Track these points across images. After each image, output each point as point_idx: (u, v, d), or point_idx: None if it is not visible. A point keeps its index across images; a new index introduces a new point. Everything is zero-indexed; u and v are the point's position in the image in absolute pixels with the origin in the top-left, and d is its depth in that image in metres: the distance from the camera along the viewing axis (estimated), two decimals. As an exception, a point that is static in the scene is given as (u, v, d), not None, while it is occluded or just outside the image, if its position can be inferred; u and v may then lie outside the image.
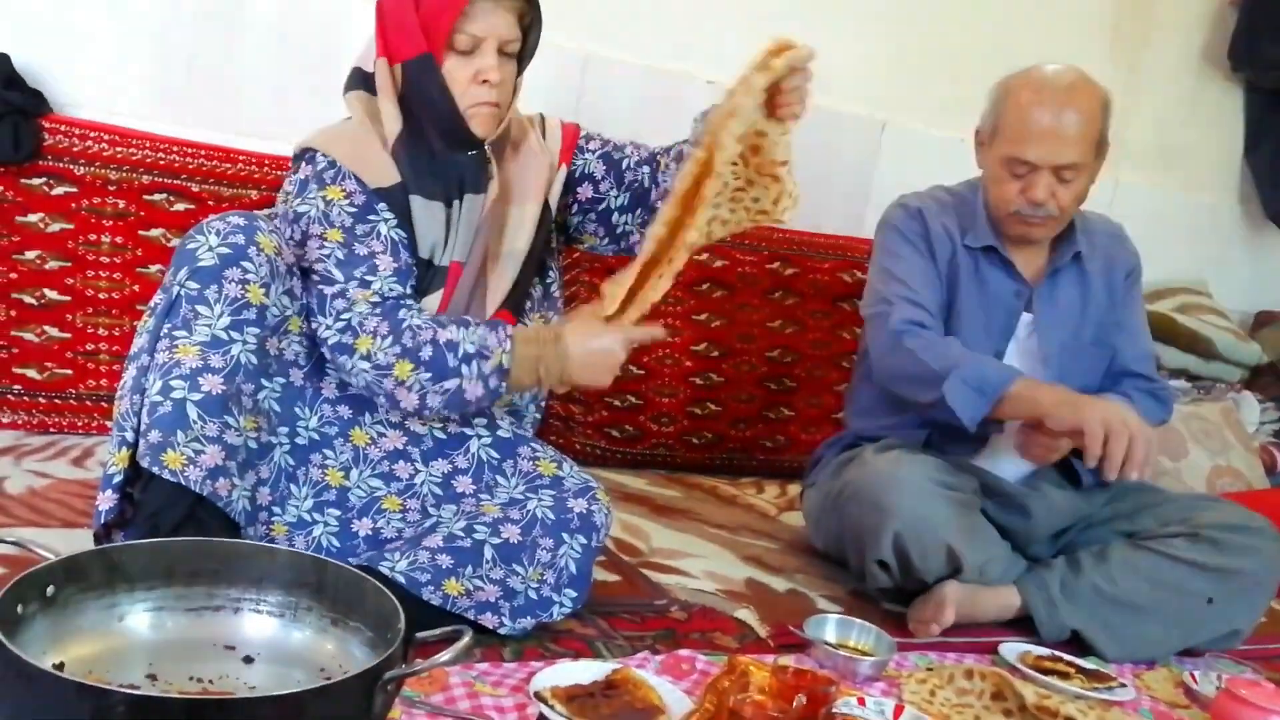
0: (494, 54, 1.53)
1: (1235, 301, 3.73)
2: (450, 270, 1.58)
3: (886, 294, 1.99)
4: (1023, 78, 1.94)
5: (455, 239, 1.58)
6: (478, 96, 1.53)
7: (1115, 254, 2.10)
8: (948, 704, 1.54)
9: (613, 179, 1.73)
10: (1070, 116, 1.87)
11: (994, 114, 1.96)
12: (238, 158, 2.25)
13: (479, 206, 1.60)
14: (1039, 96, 1.89)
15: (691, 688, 1.43)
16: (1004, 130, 1.92)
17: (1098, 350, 2.06)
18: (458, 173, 1.58)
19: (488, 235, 1.61)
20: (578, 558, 1.55)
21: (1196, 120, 3.63)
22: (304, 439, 1.54)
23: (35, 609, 1.06)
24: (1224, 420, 3.08)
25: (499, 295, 1.62)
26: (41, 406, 2.12)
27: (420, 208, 1.55)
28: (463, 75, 1.52)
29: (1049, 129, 1.87)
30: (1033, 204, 1.91)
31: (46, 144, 2.09)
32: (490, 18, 1.51)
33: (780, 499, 2.66)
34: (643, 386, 2.69)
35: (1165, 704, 1.74)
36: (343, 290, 1.48)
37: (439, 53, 1.51)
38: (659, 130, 2.74)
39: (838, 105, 2.98)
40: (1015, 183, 1.92)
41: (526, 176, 1.66)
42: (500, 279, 1.62)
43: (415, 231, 1.55)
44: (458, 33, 1.50)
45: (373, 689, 1.01)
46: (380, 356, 1.45)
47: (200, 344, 1.38)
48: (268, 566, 1.21)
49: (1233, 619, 1.93)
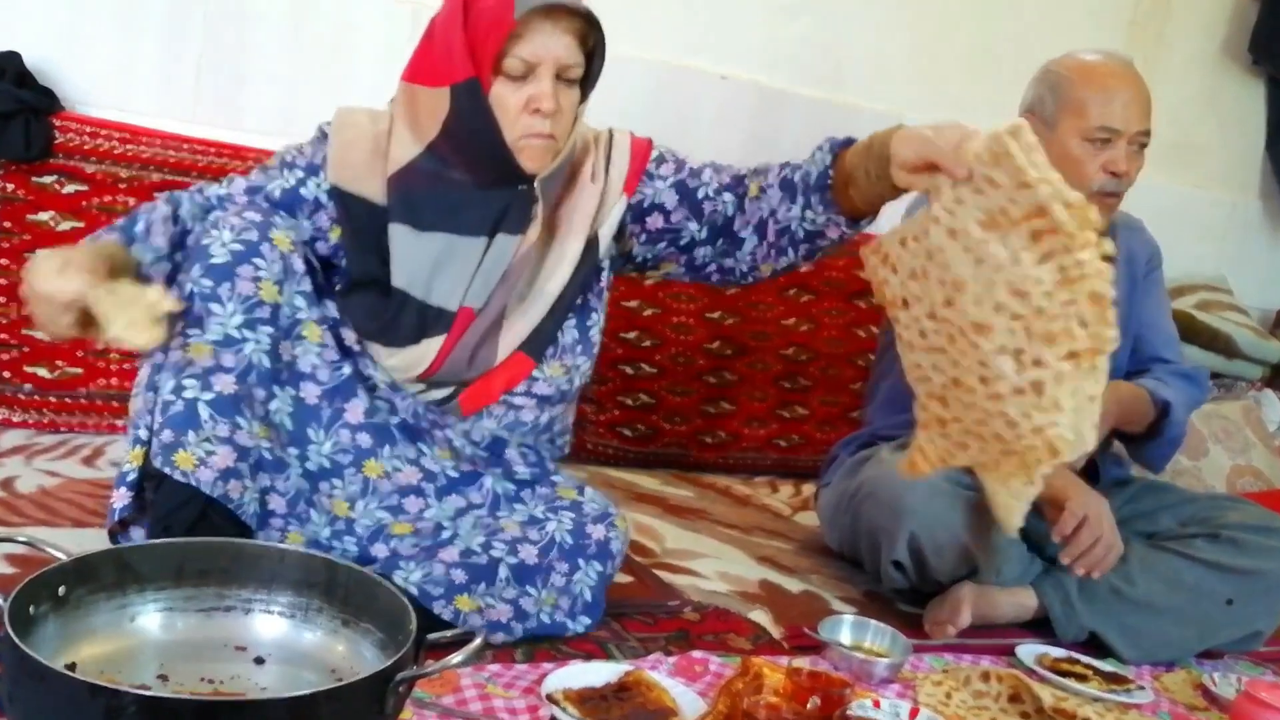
0: (550, 79, 1.40)
1: (1256, 298, 3.71)
2: (459, 315, 1.49)
3: None
4: (1075, 60, 1.93)
5: (473, 280, 1.49)
6: (529, 127, 1.41)
7: (1135, 245, 2.09)
8: (964, 706, 1.53)
9: (687, 209, 1.57)
10: (1141, 84, 1.89)
11: (1056, 95, 1.92)
12: (248, 155, 2.25)
13: (511, 250, 1.49)
14: (1109, 66, 1.90)
15: (705, 690, 1.42)
16: (1077, 106, 1.89)
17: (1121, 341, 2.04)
18: (495, 209, 1.47)
19: (516, 279, 1.51)
20: (593, 585, 1.53)
21: (1216, 115, 3.60)
22: (314, 464, 1.47)
23: (47, 609, 1.06)
24: (1244, 419, 3.05)
25: (514, 339, 1.52)
26: (52, 405, 2.12)
27: (403, 236, 1.47)
28: (513, 102, 1.40)
29: (1130, 97, 1.87)
30: (1116, 176, 1.89)
31: (57, 142, 2.09)
32: (546, 40, 1.38)
33: (795, 499, 2.64)
34: (655, 385, 2.68)
35: (1184, 706, 1.72)
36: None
37: (486, 77, 1.39)
38: (669, 128, 2.74)
39: (854, 101, 2.97)
40: (1096, 158, 1.89)
41: (574, 209, 1.54)
42: (521, 322, 1.52)
43: (393, 259, 1.48)
44: (508, 56, 1.38)
45: (384, 690, 1.00)
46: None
47: (213, 342, 1.36)
48: (278, 567, 1.20)
49: (1253, 620, 1.90)
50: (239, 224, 1.40)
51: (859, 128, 2.96)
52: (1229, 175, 3.71)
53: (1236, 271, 3.64)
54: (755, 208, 1.52)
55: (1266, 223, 3.81)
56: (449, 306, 1.49)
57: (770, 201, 1.50)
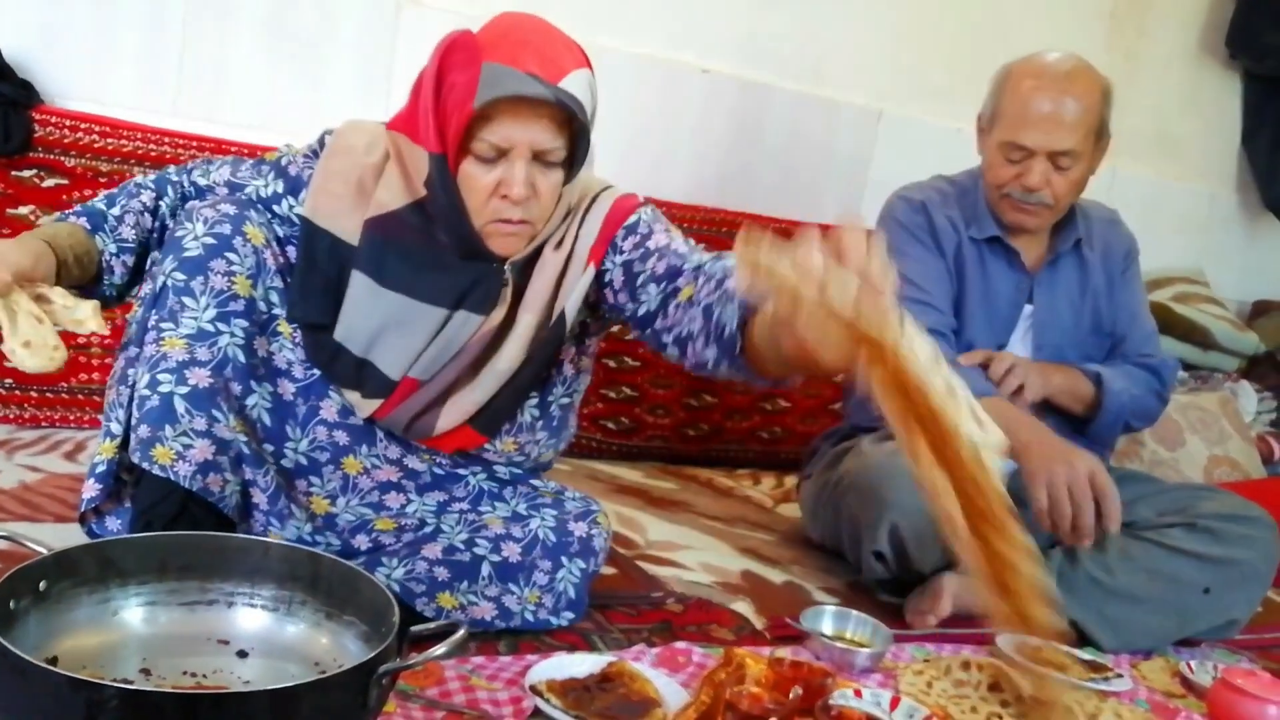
0: (524, 164, 1.30)
1: (1232, 291, 3.74)
2: (402, 385, 1.42)
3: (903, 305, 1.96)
4: (1024, 64, 1.95)
5: (423, 353, 1.41)
6: (498, 212, 1.33)
7: (1112, 239, 2.11)
8: (945, 695, 1.54)
9: (628, 292, 1.44)
10: (1069, 103, 1.88)
11: (994, 99, 1.97)
12: (229, 149, 2.23)
13: (471, 329, 1.41)
14: (1038, 82, 1.89)
15: (688, 680, 1.43)
16: (1002, 115, 1.93)
17: (1097, 339, 2.07)
18: (464, 281, 1.39)
19: (468, 359, 1.43)
20: (576, 582, 1.53)
21: (1194, 108, 3.63)
22: (290, 461, 1.46)
23: (28, 604, 1.06)
24: (1221, 410, 3.08)
25: (458, 415, 1.45)
26: (33, 400, 2.11)
27: (362, 288, 1.39)
28: (483, 184, 1.31)
29: (1047, 114, 1.88)
30: (1026, 189, 1.91)
31: (37, 135, 2.08)
32: (514, 126, 1.28)
33: (777, 491, 2.65)
34: (638, 378, 2.69)
35: (1162, 694, 1.73)
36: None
37: (453, 155, 1.32)
38: (652, 122, 2.75)
39: (834, 94, 2.98)
40: (1011, 167, 1.93)
41: (531, 279, 1.44)
42: (468, 398, 1.45)
43: (343, 307, 1.40)
44: (476, 139, 1.30)
45: (368, 683, 1.00)
46: None
47: (187, 336, 1.34)
48: (260, 560, 1.20)
49: (1229, 609, 1.92)
50: (212, 216, 1.38)
51: (839, 121, 3.01)
52: (1207, 168, 3.74)
53: (1214, 264, 3.67)
54: (679, 318, 1.35)
55: (1244, 215, 3.85)
56: (391, 375, 1.42)
57: (693, 324, 1.31)
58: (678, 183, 2.79)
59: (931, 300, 1.97)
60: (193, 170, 1.52)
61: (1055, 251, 2.03)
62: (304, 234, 1.43)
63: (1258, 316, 3.77)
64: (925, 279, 1.99)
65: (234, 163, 1.52)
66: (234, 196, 1.46)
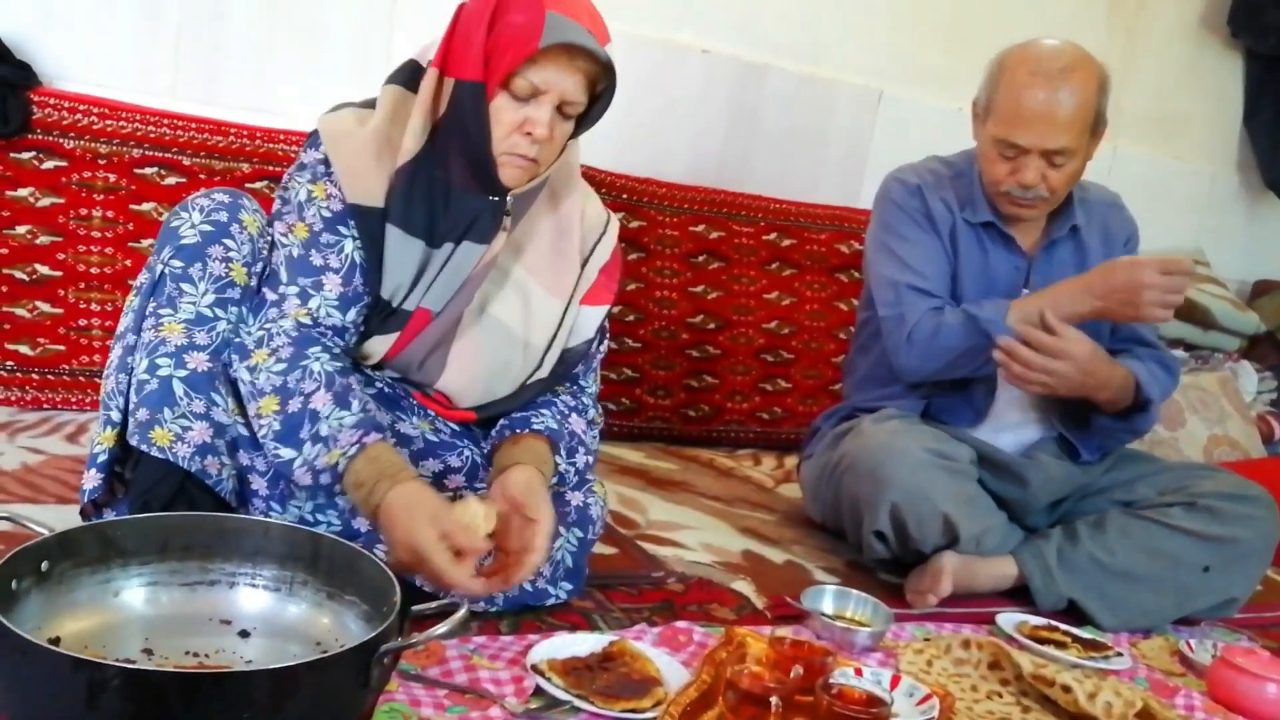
0: (550, 109, 1.39)
1: (1233, 270, 3.73)
2: (415, 316, 1.47)
3: (898, 291, 1.97)
4: (1019, 54, 1.90)
5: (433, 284, 1.47)
6: (516, 146, 1.41)
7: (1113, 224, 2.09)
8: (945, 674, 1.55)
9: None
10: (1064, 100, 1.83)
11: (988, 90, 1.93)
12: (228, 130, 2.23)
13: (475, 258, 1.47)
14: (1033, 79, 1.84)
15: (689, 659, 1.43)
16: (996, 109, 1.89)
17: (1094, 323, 2.05)
18: (468, 214, 1.46)
19: (472, 290, 1.49)
20: (574, 551, 1.54)
21: (1195, 87, 3.62)
22: None
23: (29, 584, 1.06)
24: (1221, 389, 3.08)
25: (465, 365, 1.50)
26: (34, 383, 2.11)
27: (396, 241, 1.44)
28: (509, 118, 1.40)
29: (1040, 113, 1.84)
30: (1022, 186, 1.89)
31: (35, 117, 2.07)
32: (558, 73, 1.38)
33: (777, 471, 2.66)
34: (639, 359, 2.69)
35: (1161, 672, 1.74)
36: (282, 297, 1.40)
37: (492, 86, 1.39)
38: (651, 102, 2.74)
39: (834, 75, 2.97)
40: (1005, 164, 1.90)
41: (556, 261, 1.55)
42: (471, 346, 1.50)
43: (384, 265, 1.45)
44: (518, 76, 1.37)
45: (369, 662, 1.01)
46: (261, 378, 1.35)
47: (185, 321, 1.36)
48: (261, 541, 1.21)
49: (1229, 587, 1.93)
50: (208, 205, 1.40)
51: (839, 101, 3.00)
52: (1208, 147, 3.73)
53: (1215, 243, 3.66)
54: None
55: (1244, 195, 3.84)
56: (407, 306, 1.47)
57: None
58: (676, 163, 2.78)
59: (929, 285, 1.96)
60: (284, 300, 1.43)
61: (1050, 237, 2.02)
62: (358, 221, 1.44)
63: (1258, 296, 3.77)
64: (923, 262, 1.98)
65: (305, 245, 1.44)
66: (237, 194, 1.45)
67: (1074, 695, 1.43)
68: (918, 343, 1.92)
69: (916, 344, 1.92)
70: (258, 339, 1.38)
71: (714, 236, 2.77)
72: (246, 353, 1.37)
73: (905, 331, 1.93)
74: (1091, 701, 1.42)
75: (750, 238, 2.82)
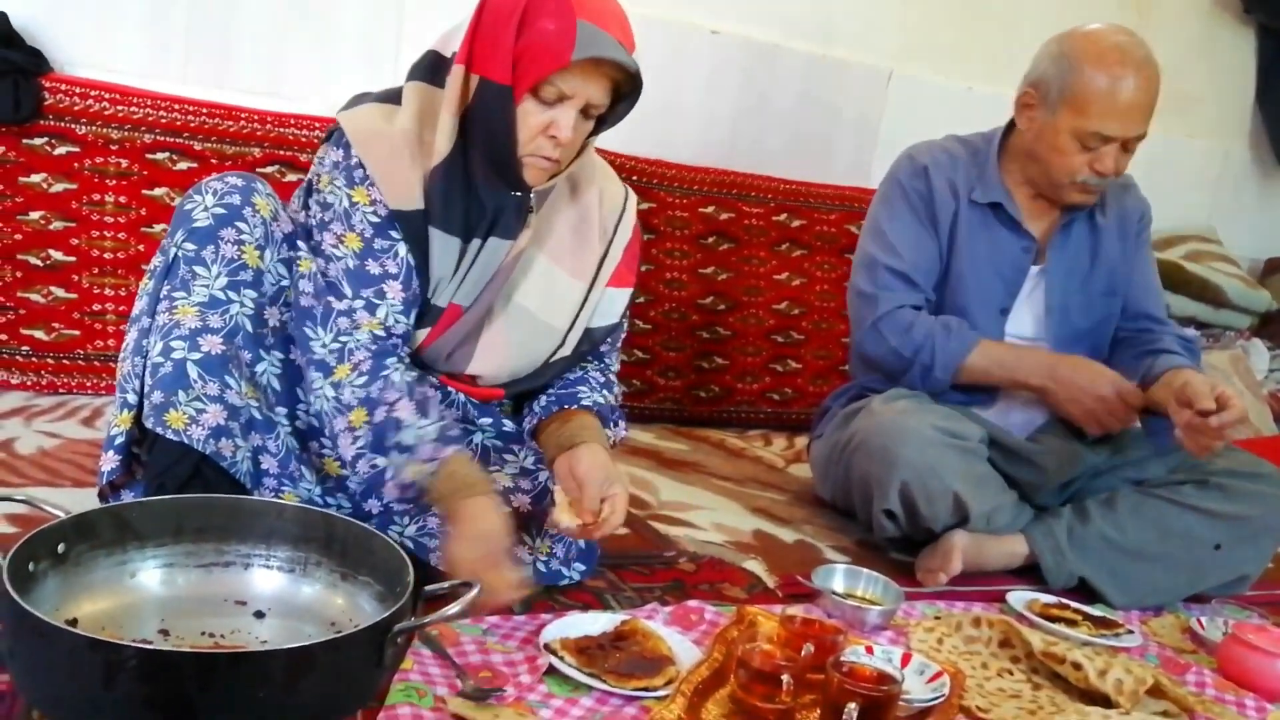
0: (575, 113, 1.40)
1: (1245, 248, 3.71)
2: (447, 312, 1.49)
3: (878, 270, 1.98)
4: (1091, 42, 1.86)
5: (463, 280, 1.48)
6: (540, 148, 1.41)
7: (1126, 203, 2.08)
8: (955, 652, 1.55)
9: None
10: (1148, 88, 1.84)
11: (1062, 79, 1.87)
12: (239, 115, 2.24)
13: (503, 253, 1.49)
14: (1122, 70, 1.83)
15: (700, 638, 1.44)
16: (1078, 101, 1.85)
17: (1108, 300, 2.05)
18: (493, 209, 1.47)
19: (500, 284, 1.51)
20: None
21: (1207, 64, 3.59)
22: (303, 423, 1.47)
23: (46, 566, 1.07)
24: (1233, 368, 3.07)
25: (493, 354, 1.52)
26: (50, 367, 2.13)
27: (439, 241, 1.45)
28: (535, 121, 1.40)
29: (1131, 104, 1.83)
30: (1100, 175, 1.89)
31: (47, 103, 2.08)
32: (586, 80, 1.38)
33: (788, 451, 2.66)
34: (649, 341, 2.69)
35: (1172, 650, 1.74)
36: (350, 310, 1.41)
37: (520, 91, 1.38)
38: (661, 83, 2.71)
39: (844, 55, 2.96)
40: (1085, 155, 1.88)
41: (578, 245, 1.56)
42: (499, 337, 1.52)
43: (430, 265, 1.46)
44: (547, 84, 1.37)
45: (383, 641, 1.02)
46: (347, 392, 1.38)
47: (199, 305, 1.37)
48: (276, 522, 1.22)
49: (1240, 565, 1.93)
50: (221, 188, 1.40)
51: (849, 81, 2.98)
52: (1221, 124, 3.71)
53: (1226, 221, 3.64)
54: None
55: (1257, 172, 3.81)
56: (439, 302, 1.49)
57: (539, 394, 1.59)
58: (686, 144, 2.78)
59: (907, 270, 1.97)
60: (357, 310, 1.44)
61: (1069, 219, 2.00)
62: (403, 226, 1.44)
63: (1270, 274, 3.75)
64: (907, 246, 1.98)
65: (361, 255, 1.44)
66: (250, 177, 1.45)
67: (1085, 673, 1.44)
68: (884, 332, 1.95)
69: (882, 332, 1.96)
70: (335, 352, 1.40)
71: (724, 217, 2.77)
72: (329, 369, 1.40)
73: (875, 314, 1.96)
74: (1102, 679, 1.43)
75: (760, 218, 2.81)
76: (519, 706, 1.20)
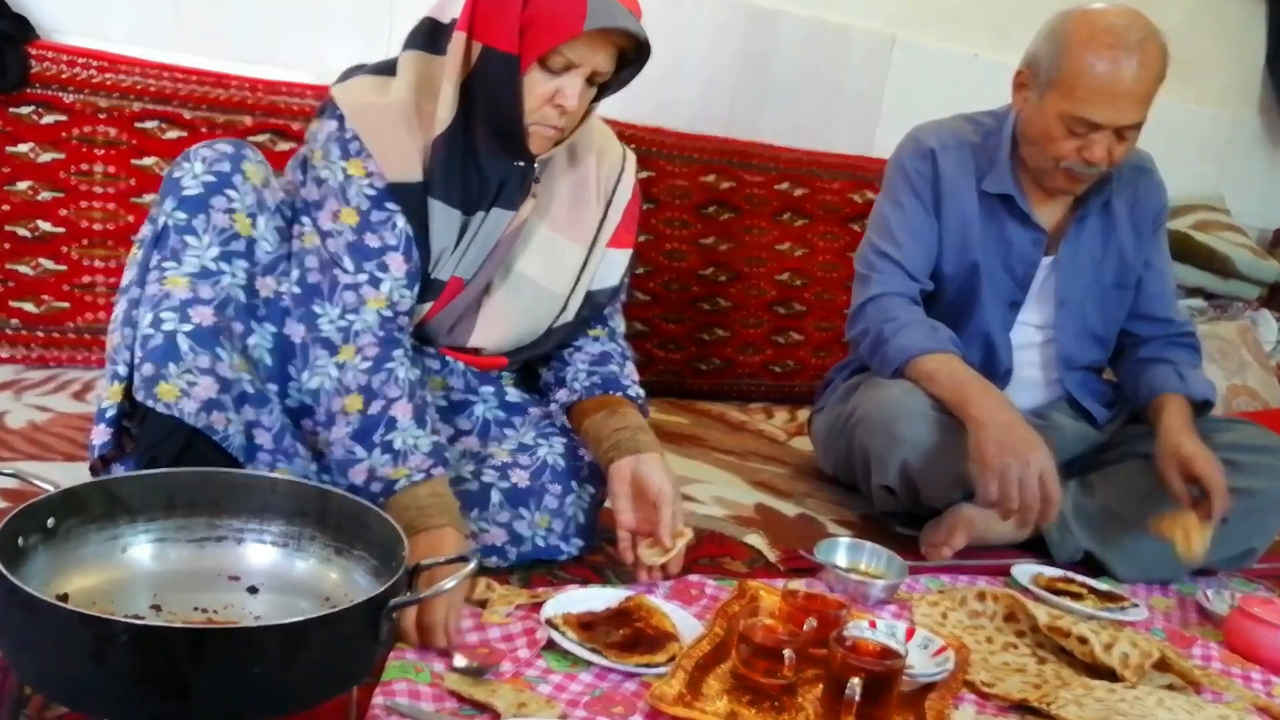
0: (581, 81, 1.39)
1: (1254, 218, 3.68)
2: (449, 285, 1.48)
3: (875, 255, 1.95)
4: (1085, 23, 1.78)
5: (464, 252, 1.47)
6: (546, 117, 1.40)
7: (1143, 191, 2.02)
8: (959, 626, 1.54)
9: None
10: (1142, 75, 1.74)
11: (1052, 60, 1.79)
12: (230, 83, 2.20)
13: (504, 224, 1.48)
14: (1112, 54, 1.73)
15: (701, 613, 1.42)
16: (1066, 84, 1.77)
17: (1119, 293, 2.01)
18: (496, 181, 1.46)
19: (502, 255, 1.50)
20: (586, 507, 1.54)
21: (1216, 30, 3.54)
22: (294, 401, 1.44)
23: (36, 541, 1.05)
24: (1241, 339, 3.05)
25: (495, 325, 1.51)
26: (40, 340, 2.10)
27: (439, 214, 1.44)
28: (541, 90, 1.38)
29: (1121, 90, 1.74)
30: (1088, 163, 1.81)
31: (34, 71, 2.04)
32: (594, 49, 1.37)
33: (790, 424, 2.64)
34: (649, 313, 2.66)
35: (1178, 623, 1.73)
36: (355, 284, 1.39)
37: (527, 61, 1.36)
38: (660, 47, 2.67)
39: (846, 20, 2.92)
40: (1072, 140, 1.80)
41: (576, 209, 1.55)
42: (500, 308, 1.52)
43: (430, 238, 1.44)
44: (555, 53, 1.36)
45: (378, 617, 1.00)
46: (349, 376, 1.35)
47: (189, 275, 1.34)
48: (269, 496, 1.19)
49: (1248, 538, 1.91)
50: (210, 155, 1.38)
51: (851, 47, 2.94)
52: (1229, 91, 3.67)
53: (1235, 190, 3.61)
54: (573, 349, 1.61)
55: (1266, 139, 3.78)
56: (440, 276, 1.47)
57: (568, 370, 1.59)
58: (685, 112, 2.74)
59: (902, 260, 1.92)
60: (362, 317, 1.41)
61: (1083, 213, 1.95)
62: (401, 198, 1.41)
63: (1279, 244, 3.72)
64: (906, 233, 1.93)
65: (359, 229, 1.41)
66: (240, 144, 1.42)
67: (1090, 646, 1.42)
68: (868, 316, 1.91)
69: (866, 313, 1.91)
70: (342, 330, 1.38)
71: (724, 187, 2.73)
72: (334, 348, 1.37)
73: (864, 296, 1.92)
74: (1108, 652, 1.41)
75: (761, 187, 2.78)
76: (517, 682, 1.18)
